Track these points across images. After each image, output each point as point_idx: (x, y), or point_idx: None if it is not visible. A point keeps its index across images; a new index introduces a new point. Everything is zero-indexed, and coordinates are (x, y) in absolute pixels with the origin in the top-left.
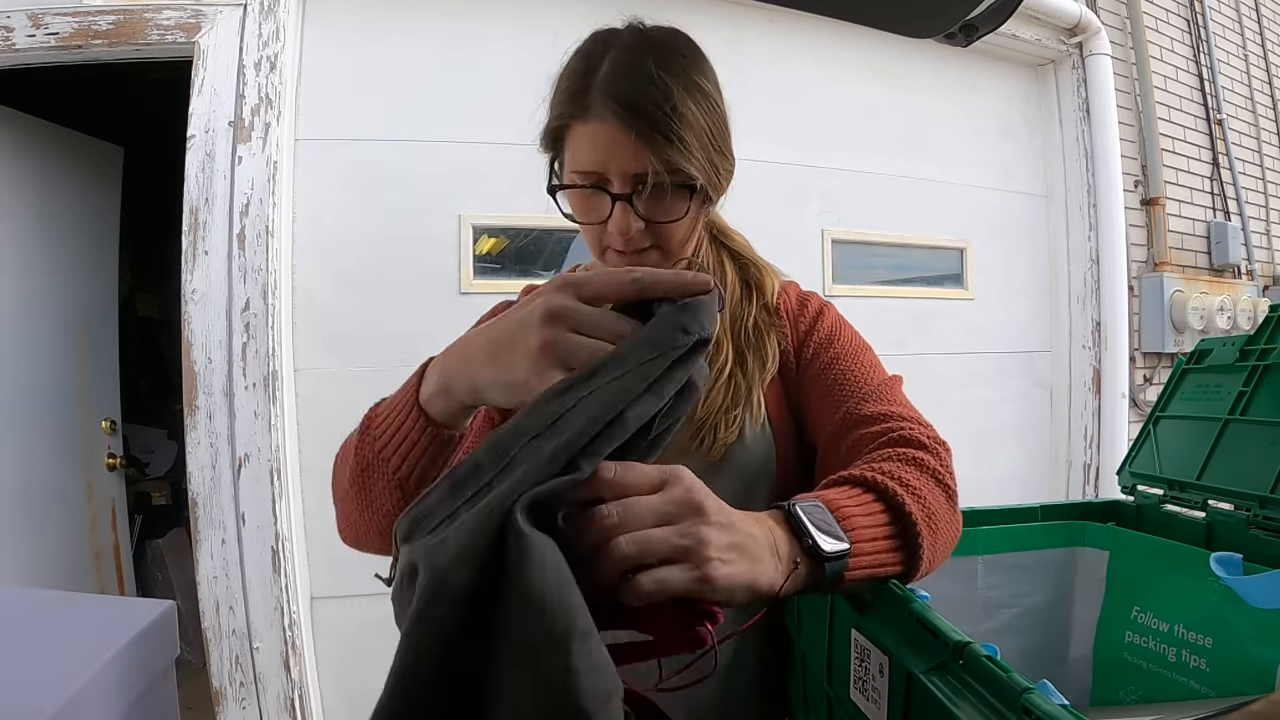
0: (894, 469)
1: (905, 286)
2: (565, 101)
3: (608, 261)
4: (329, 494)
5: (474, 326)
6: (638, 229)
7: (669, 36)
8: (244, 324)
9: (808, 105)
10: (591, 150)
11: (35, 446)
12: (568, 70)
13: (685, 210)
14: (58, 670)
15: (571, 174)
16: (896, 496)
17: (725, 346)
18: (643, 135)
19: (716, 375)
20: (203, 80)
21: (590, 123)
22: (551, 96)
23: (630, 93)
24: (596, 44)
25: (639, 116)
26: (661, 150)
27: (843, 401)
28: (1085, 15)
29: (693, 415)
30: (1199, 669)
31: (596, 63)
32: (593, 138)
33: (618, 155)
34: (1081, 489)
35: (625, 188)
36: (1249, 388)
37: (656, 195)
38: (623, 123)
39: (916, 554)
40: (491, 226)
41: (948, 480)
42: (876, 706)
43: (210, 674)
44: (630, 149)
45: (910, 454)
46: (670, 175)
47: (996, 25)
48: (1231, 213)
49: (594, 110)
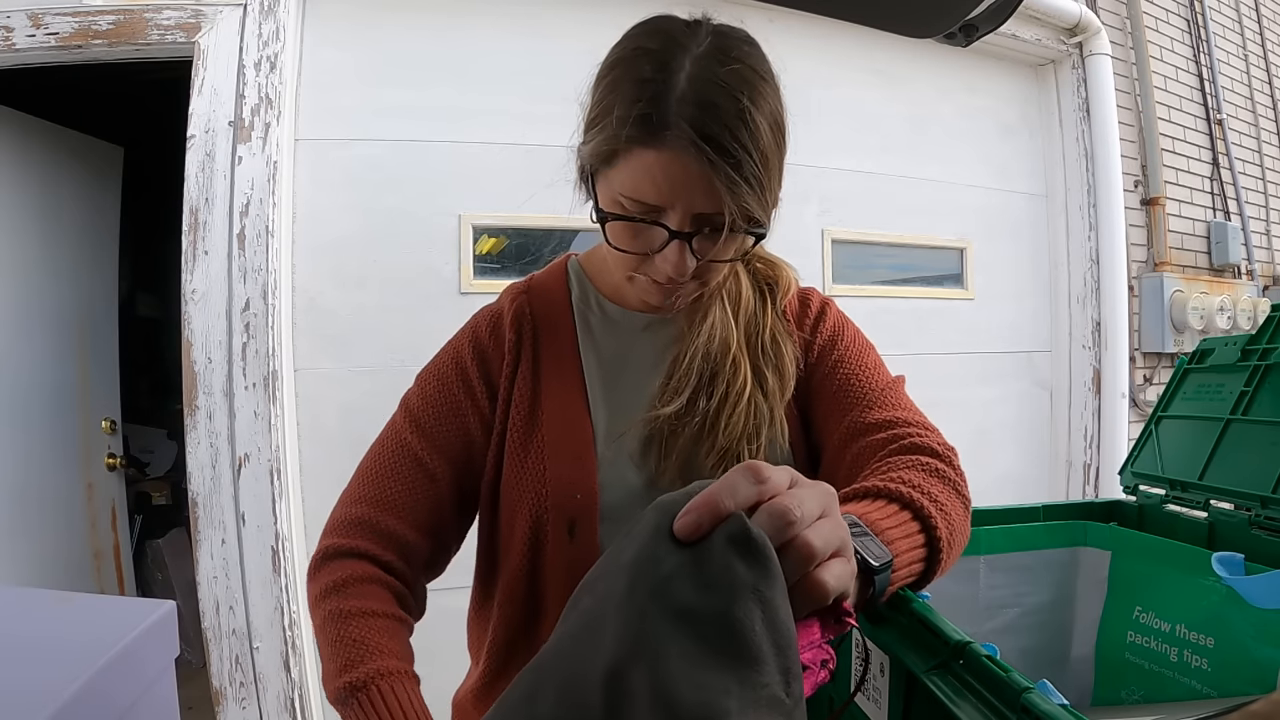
0: (917, 479)
1: (905, 286)
2: (633, 122)
3: (636, 285)
4: (329, 494)
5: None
6: (692, 269)
7: (752, 53)
8: (244, 324)
9: (808, 105)
10: (659, 182)
11: (35, 446)
12: (630, 77)
13: (742, 250)
14: (57, 670)
15: (622, 197)
16: (924, 510)
17: (743, 366)
18: (724, 179)
19: (736, 399)
20: (203, 80)
21: (662, 152)
22: (601, 97)
23: (715, 127)
24: (665, 45)
25: (724, 156)
26: (741, 197)
27: (849, 409)
28: (1085, 15)
29: (714, 445)
30: (1200, 669)
31: (671, 76)
32: (664, 169)
33: (688, 194)
34: (1081, 489)
35: (686, 226)
36: (1250, 388)
37: (715, 239)
38: (706, 160)
39: (935, 567)
40: (491, 226)
41: (965, 491)
42: (877, 706)
43: (210, 674)
44: (704, 190)
45: (928, 463)
46: (743, 224)
47: (996, 25)
48: (1231, 213)
49: (669, 139)
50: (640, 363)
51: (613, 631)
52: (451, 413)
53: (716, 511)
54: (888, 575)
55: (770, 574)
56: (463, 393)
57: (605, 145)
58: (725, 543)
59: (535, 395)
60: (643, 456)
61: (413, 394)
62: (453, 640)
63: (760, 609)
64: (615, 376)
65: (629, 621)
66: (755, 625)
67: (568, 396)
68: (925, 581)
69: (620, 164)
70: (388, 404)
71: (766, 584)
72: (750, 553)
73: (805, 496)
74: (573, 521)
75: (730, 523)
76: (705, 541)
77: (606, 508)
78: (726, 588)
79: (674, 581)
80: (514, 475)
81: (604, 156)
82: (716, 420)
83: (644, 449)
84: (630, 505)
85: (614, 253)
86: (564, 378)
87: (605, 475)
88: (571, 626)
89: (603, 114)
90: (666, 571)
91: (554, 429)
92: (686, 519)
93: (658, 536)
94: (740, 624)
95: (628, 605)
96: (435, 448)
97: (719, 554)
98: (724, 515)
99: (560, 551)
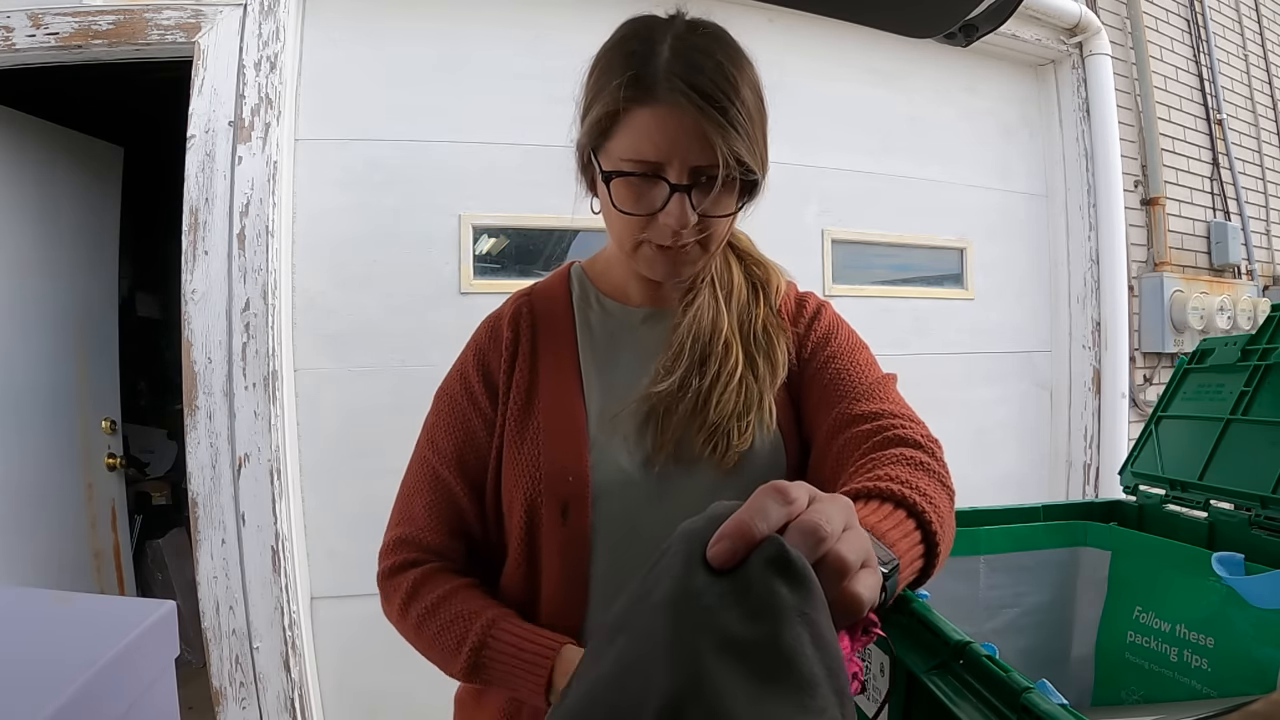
0: (904, 474)
1: (905, 286)
2: (626, 85)
3: (640, 255)
4: (329, 494)
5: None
6: (693, 223)
7: (721, 30)
8: (244, 324)
9: (808, 105)
10: (656, 137)
11: (35, 446)
12: (619, 54)
13: (738, 205)
14: (57, 670)
15: (623, 162)
16: (917, 506)
17: (735, 349)
18: (714, 124)
19: (728, 379)
20: (203, 80)
21: (656, 107)
22: (595, 80)
23: (700, 79)
24: (646, 29)
25: (711, 104)
26: (731, 142)
27: (836, 401)
28: (1085, 15)
29: (704, 421)
30: (1201, 669)
31: (655, 47)
32: (660, 123)
33: (685, 143)
34: (1081, 489)
35: (684, 179)
36: (1251, 388)
37: (712, 188)
38: (696, 109)
39: (933, 563)
40: (491, 226)
41: (948, 481)
42: (878, 706)
43: (210, 674)
44: (699, 140)
45: (912, 456)
46: (736, 168)
47: (996, 25)
48: (1231, 213)
49: (660, 95)
50: (636, 351)
51: (662, 671)
52: (460, 426)
53: (750, 537)
54: (896, 578)
55: (813, 595)
56: (468, 405)
57: (603, 111)
58: (764, 567)
59: (532, 385)
60: (637, 438)
61: (429, 415)
62: None
63: (808, 632)
64: (610, 364)
65: (679, 660)
66: (806, 650)
67: (563, 384)
68: (924, 578)
69: (618, 131)
70: (388, 404)
71: (810, 605)
72: (792, 576)
73: (831, 511)
74: (566, 504)
75: (766, 546)
76: (743, 568)
77: (598, 489)
78: (772, 613)
79: (719, 613)
80: (512, 461)
81: (602, 128)
82: (708, 398)
83: (638, 430)
84: (622, 486)
85: (619, 222)
86: (560, 367)
87: (597, 457)
88: (610, 668)
89: (597, 91)
90: (709, 603)
91: (548, 415)
92: (721, 546)
93: (692, 566)
94: (791, 650)
95: (675, 643)
96: (447, 461)
97: (759, 579)
98: (758, 540)
99: (554, 533)
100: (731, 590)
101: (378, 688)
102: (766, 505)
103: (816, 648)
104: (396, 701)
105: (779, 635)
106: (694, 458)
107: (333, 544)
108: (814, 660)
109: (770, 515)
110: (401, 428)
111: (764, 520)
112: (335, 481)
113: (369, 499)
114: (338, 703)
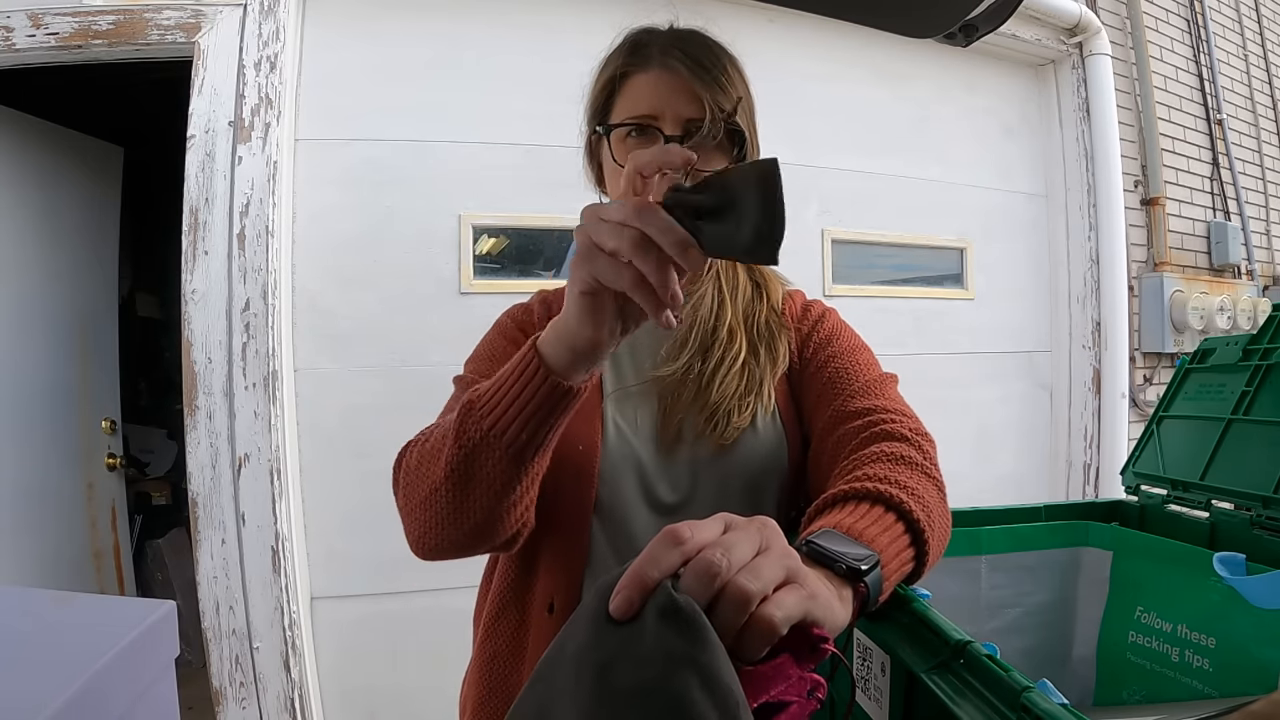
0: (884, 471)
1: (905, 286)
2: (625, 55)
3: None
4: (329, 494)
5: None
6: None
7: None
8: (244, 324)
9: (808, 105)
10: (650, 94)
11: (35, 446)
12: (619, 45)
13: (728, 162)
14: (57, 670)
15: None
16: (894, 499)
17: (739, 336)
18: (703, 82)
19: (730, 363)
20: (203, 80)
21: (651, 71)
22: (598, 71)
23: (692, 49)
24: (641, 31)
25: (700, 67)
26: (717, 96)
27: (833, 397)
28: (1085, 15)
29: (706, 400)
30: (1202, 669)
31: (650, 36)
32: (653, 83)
33: (676, 99)
34: (1081, 489)
35: (678, 130)
36: (1252, 387)
37: (704, 142)
38: (686, 69)
39: (925, 552)
40: (491, 226)
41: (935, 473)
42: (878, 705)
43: (210, 674)
44: (689, 94)
45: (895, 450)
46: (722, 117)
47: (996, 25)
48: (1231, 213)
49: (656, 61)
50: (647, 340)
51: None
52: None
53: (644, 585)
54: (878, 572)
55: (701, 639)
56: (508, 345)
57: (605, 79)
58: (657, 616)
59: None
60: (644, 416)
61: (467, 363)
62: (457, 641)
63: (697, 676)
64: (624, 350)
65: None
66: (694, 694)
67: None
68: (922, 568)
69: (618, 100)
70: (388, 404)
71: (699, 649)
72: (680, 622)
73: (734, 541)
74: (576, 470)
75: (658, 594)
76: (639, 618)
77: (606, 459)
78: (660, 662)
79: (615, 665)
80: None
81: (605, 95)
82: (711, 380)
83: (646, 409)
84: (627, 460)
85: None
86: None
87: (609, 430)
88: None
89: (601, 74)
90: (606, 656)
91: None
92: (619, 599)
93: (598, 619)
94: (679, 696)
95: (577, 694)
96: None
97: (651, 629)
98: (652, 587)
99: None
100: (629, 640)
101: (377, 688)
102: (658, 552)
103: (707, 690)
104: (396, 701)
105: (668, 682)
106: (695, 435)
107: (332, 544)
108: (704, 704)
109: (662, 561)
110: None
111: (656, 568)
112: (335, 481)
113: (369, 499)
114: (338, 703)
